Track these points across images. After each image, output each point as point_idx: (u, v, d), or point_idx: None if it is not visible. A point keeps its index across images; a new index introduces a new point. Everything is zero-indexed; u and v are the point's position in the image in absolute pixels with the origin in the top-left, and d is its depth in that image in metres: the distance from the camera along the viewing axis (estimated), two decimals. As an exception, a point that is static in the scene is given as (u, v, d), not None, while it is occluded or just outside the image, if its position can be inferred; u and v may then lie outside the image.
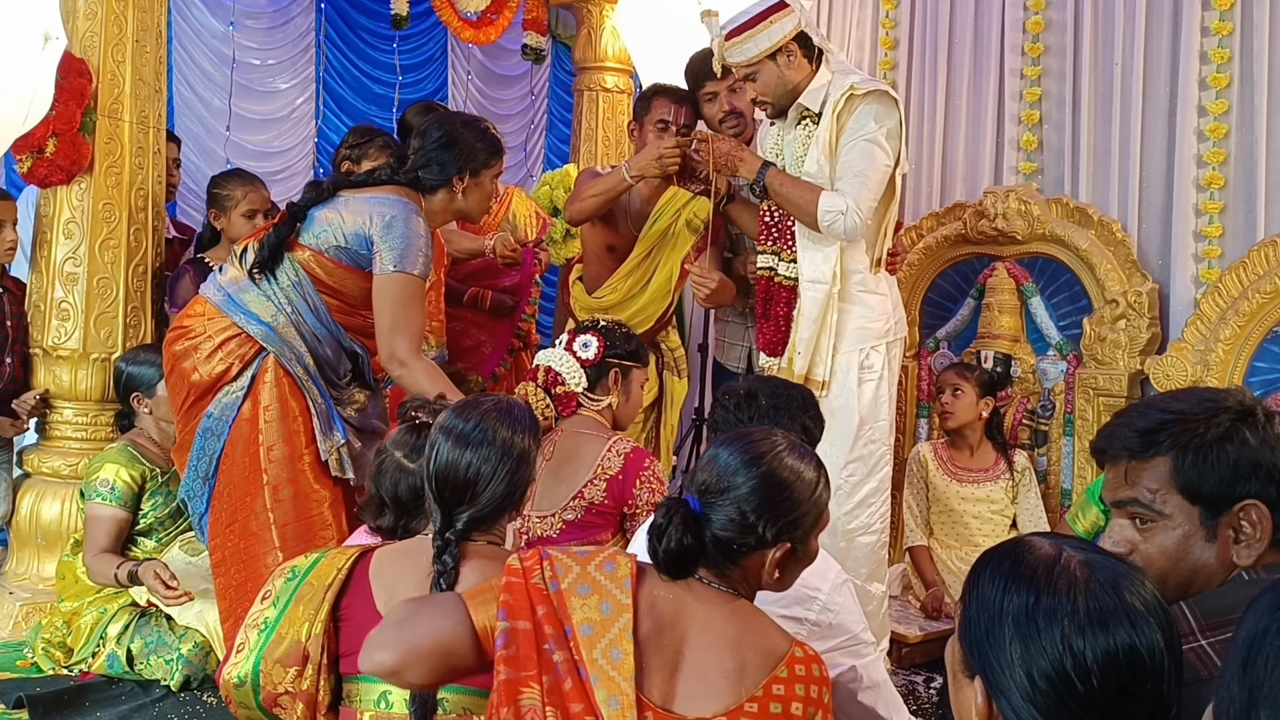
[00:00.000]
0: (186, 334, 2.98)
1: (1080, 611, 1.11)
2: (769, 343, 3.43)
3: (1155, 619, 1.12)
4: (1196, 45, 3.89)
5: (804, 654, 1.63)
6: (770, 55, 3.20)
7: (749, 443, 1.70)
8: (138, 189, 3.78)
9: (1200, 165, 3.90)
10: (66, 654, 3.30)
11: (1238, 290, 3.68)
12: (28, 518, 3.70)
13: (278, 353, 2.92)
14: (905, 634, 3.70)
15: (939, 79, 4.65)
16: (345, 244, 2.93)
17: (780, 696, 1.57)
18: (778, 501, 1.64)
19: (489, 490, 1.92)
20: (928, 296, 4.56)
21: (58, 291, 3.70)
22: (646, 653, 1.56)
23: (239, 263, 3.00)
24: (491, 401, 2.01)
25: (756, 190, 3.27)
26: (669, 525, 1.62)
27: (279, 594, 1.93)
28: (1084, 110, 4.21)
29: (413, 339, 2.88)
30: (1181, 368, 3.75)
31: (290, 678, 1.87)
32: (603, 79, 5.39)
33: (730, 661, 1.58)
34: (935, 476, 4.11)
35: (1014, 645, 1.12)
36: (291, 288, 2.94)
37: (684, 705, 1.55)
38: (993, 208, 4.28)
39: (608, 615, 1.56)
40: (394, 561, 1.96)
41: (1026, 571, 1.16)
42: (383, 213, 2.89)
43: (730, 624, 1.61)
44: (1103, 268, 4.03)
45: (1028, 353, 4.30)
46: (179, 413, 3.01)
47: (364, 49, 6.93)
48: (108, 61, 3.69)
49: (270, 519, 2.85)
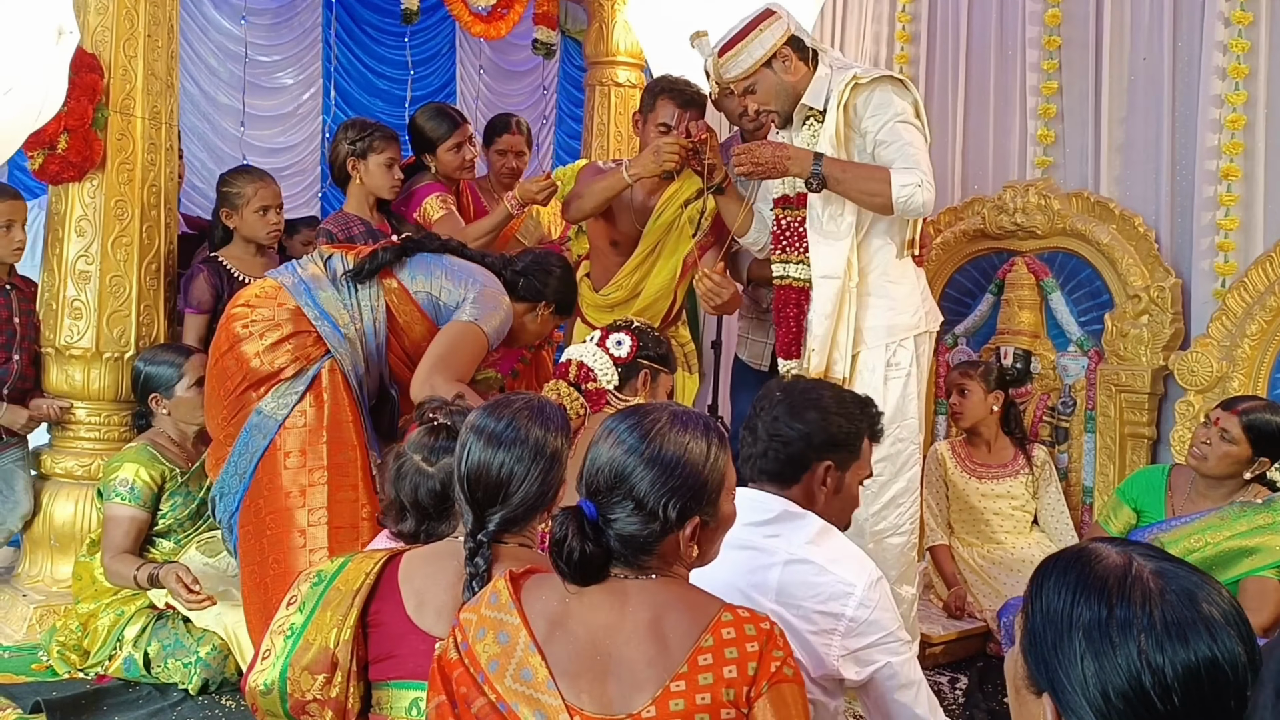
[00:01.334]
0: (251, 315, 2.98)
1: (1157, 624, 1.04)
2: (784, 346, 3.40)
3: (1235, 629, 1.05)
4: (1216, 37, 3.85)
5: (734, 616, 1.55)
6: (765, 63, 3.17)
7: (628, 428, 1.62)
8: (150, 185, 3.74)
9: (1219, 157, 3.85)
10: (82, 657, 3.26)
11: (1264, 285, 3.64)
12: (41, 519, 3.67)
13: (339, 357, 2.95)
14: (929, 634, 3.66)
15: (957, 73, 4.61)
16: (436, 295, 3.08)
17: (708, 666, 1.50)
18: (673, 481, 1.57)
19: (521, 490, 1.88)
20: (946, 292, 4.52)
21: (70, 290, 3.66)
22: (567, 665, 1.53)
23: (324, 266, 3.07)
24: (523, 400, 1.97)
25: (814, 185, 3.13)
26: (567, 537, 1.56)
27: (305, 599, 1.89)
28: (1104, 104, 4.17)
29: (452, 380, 2.90)
30: (1207, 364, 3.71)
31: (319, 685, 1.83)
32: (614, 73, 5.34)
33: (652, 647, 1.52)
34: (954, 475, 4.07)
35: (1086, 662, 1.05)
36: (368, 307, 3.03)
37: (619, 707, 1.50)
38: (1012, 202, 4.24)
39: (506, 644, 1.54)
40: (424, 565, 1.93)
41: (1096, 582, 1.09)
42: (485, 285, 3.10)
43: (647, 608, 1.56)
44: (1124, 262, 4.00)
45: (1048, 349, 4.26)
46: (227, 397, 2.97)
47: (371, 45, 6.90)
48: (119, 56, 3.64)
49: (324, 516, 2.84)
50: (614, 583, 1.59)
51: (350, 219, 3.79)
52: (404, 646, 1.84)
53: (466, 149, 4.08)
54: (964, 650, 3.75)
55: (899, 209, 3.06)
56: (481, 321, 3.01)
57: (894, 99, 3.13)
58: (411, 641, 1.84)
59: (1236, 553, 2.95)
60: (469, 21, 5.25)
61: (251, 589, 2.93)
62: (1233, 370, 3.67)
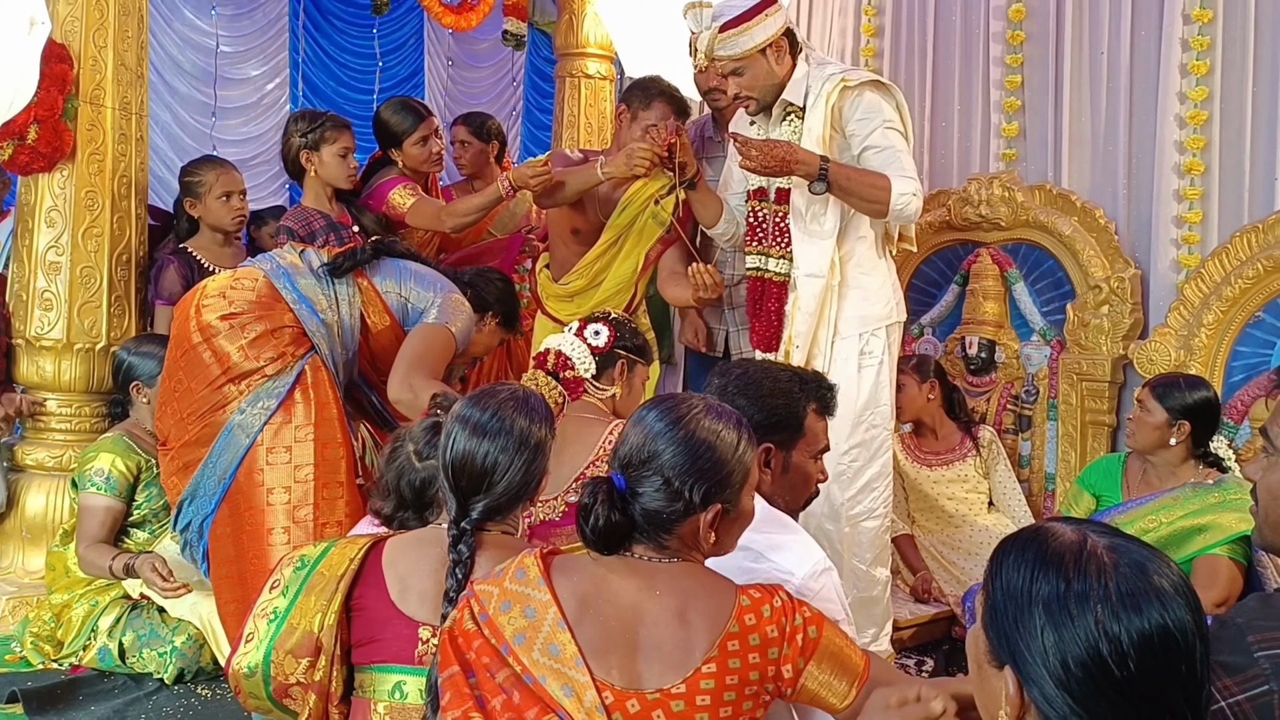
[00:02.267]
0: (230, 308, 2.95)
1: (1112, 595, 1.09)
2: (763, 339, 3.43)
3: (1184, 599, 1.11)
4: (1177, 32, 3.93)
5: (751, 600, 1.63)
6: (761, 50, 3.20)
7: (665, 409, 1.70)
8: (121, 176, 3.73)
9: (1181, 151, 3.94)
10: (56, 647, 3.26)
11: (1220, 276, 3.73)
12: (13, 511, 3.65)
13: (317, 345, 2.96)
14: (896, 618, 3.73)
15: (923, 67, 4.67)
16: (406, 297, 3.14)
17: (736, 652, 1.58)
18: (701, 464, 1.64)
19: (505, 480, 1.92)
20: (912, 283, 4.58)
21: (40, 281, 3.65)
22: (597, 642, 1.57)
23: (299, 257, 3.09)
24: (508, 391, 2.01)
25: (818, 189, 3.17)
26: (594, 504, 1.63)
27: (288, 583, 1.91)
28: (1066, 97, 4.25)
29: (428, 378, 2.93)
30: (1165, 352, 3.80)
31: (302, 669, 1.86)
32: (584, 65, 5.36)
33: (681, 630, 1.59)
34: (906, 465, 4.14)
35: (1046, 633, 1.10)
36: (345, 301, 3.06)
37: (649, 683, 1.56)
38: (977, 194, 4.31)
39: (534, 618, 1.58)
40: (407, 551, 1.96)
41: (1053, 558, 1.14)
42: (449, 292, 3.16)
43: (673, 593, 1.62)
44: (1086, 254, 4.08)
45: (1012, 338, 4.34)
46: (201, 390, 2.91)
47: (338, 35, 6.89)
48: (89, 47, 3.63)
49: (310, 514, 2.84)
50: (641, 565, 1.65)
51: (310, 214, 3.77)
52: (387, 631, 1.87)
53: (433, 142, 4.07)
54: (930, 634, 3.83)
55: (893, 216, 3.18)
56: (450, 324, 3.07)
57: (882, 104, 3.21)
58: (395, 626, 1.87)
59: (1189, 531, 3.03)
60: (439, 12, 5.25)
61: (227, 585, 2.90)
62: (1190, 359, 3.76)
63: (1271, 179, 3.77)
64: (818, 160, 3.12)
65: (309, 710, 1.87)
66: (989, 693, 1.20)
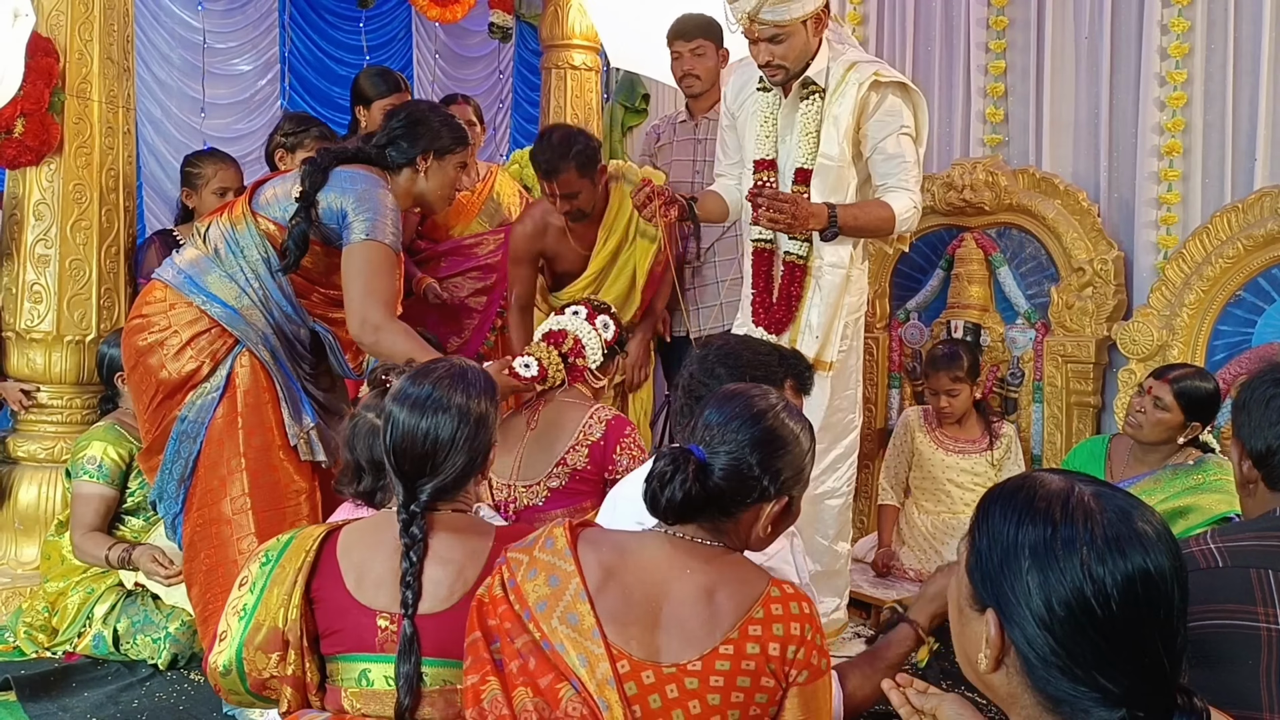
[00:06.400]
0: (149, 326, 2.89)
1: (1098, 539, 1.12)
2: (776, 320, 3.39)
3: (1165, 545, 1.14)
4: (1157, 16, 3.97)
5: (781, 593, 1.64)
6: (804, 21, 3.17)
7: (750, 399, 1.73)
8: (108, 169, 3.75)
9: (1161, 134, 3.98)
10: (50, 636, 3.29)
11: (1201, 256, 3.76)
12: (5, 502, 3.68)
13: (242, 336, 2.86)
14: (882, 598, 3.76)
15: (906, 52, 4.70)
16: (320, 220, 2.90)
17: (756, 637, 1.59)
18: (781, 456, 1.68)
19: (449, 459, 1.90)
20: (897, 268, 4.62)
21: (29, 274, 3.67)
22: (618, 612, 1.59)
23: (201, 242, 2.94)
24: (445, 367, 1.99)
25: (828, 236, 3.23)
26: (675, 473, 1.63)
27: (255, 579, 1.91)
28: (1046, 82, 4.29)
29: (386, 305, 2.81)
30: (1148, 333, 3.83)
31: (274, 663, 1.87)
32: (570, 57, 5.39)
33: (706, 609, 1.60)
34: (922, 443, 4.15)
35: (1031, 575, 1.14)
36: (261, 263, 2.89)
37: (667, 657, 1.58)
38: (960, 179, 4.34)
39: (557, 587, 1.60)
40: (361, 538, 1.94)
41: (1041, 504, 1.17)
42: (355, 185, 2.87)
43: (705, 574, 1.63)
44: (1069, 236, 4.11)
45: (996, 322, 4.37)
46: (145, 411, 2.91)
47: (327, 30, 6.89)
48: (75, 40, 3.65)
49: (247, 504, 2.81)
50: (681, 543, 1.67)
51: None
52: (346, 621, 1.87)
53: None
54: (917, 614, 3.85)
55: (897, 233, 3.29)
56: (375, 234, 2.82)
57: (902, 108, 3.25)
58: (353, 616, 1.86)
59: (1172, 514, 3.04)
60: (424, 5, 5.27)
61: (192, 586, 2.91)
62: (1172, 339, 3.79)
63: (1251, 160, 3.81)
64: (825, 212, 3.18)
65: (288, 701, 1.89)
66: (969, 637, 1.23)
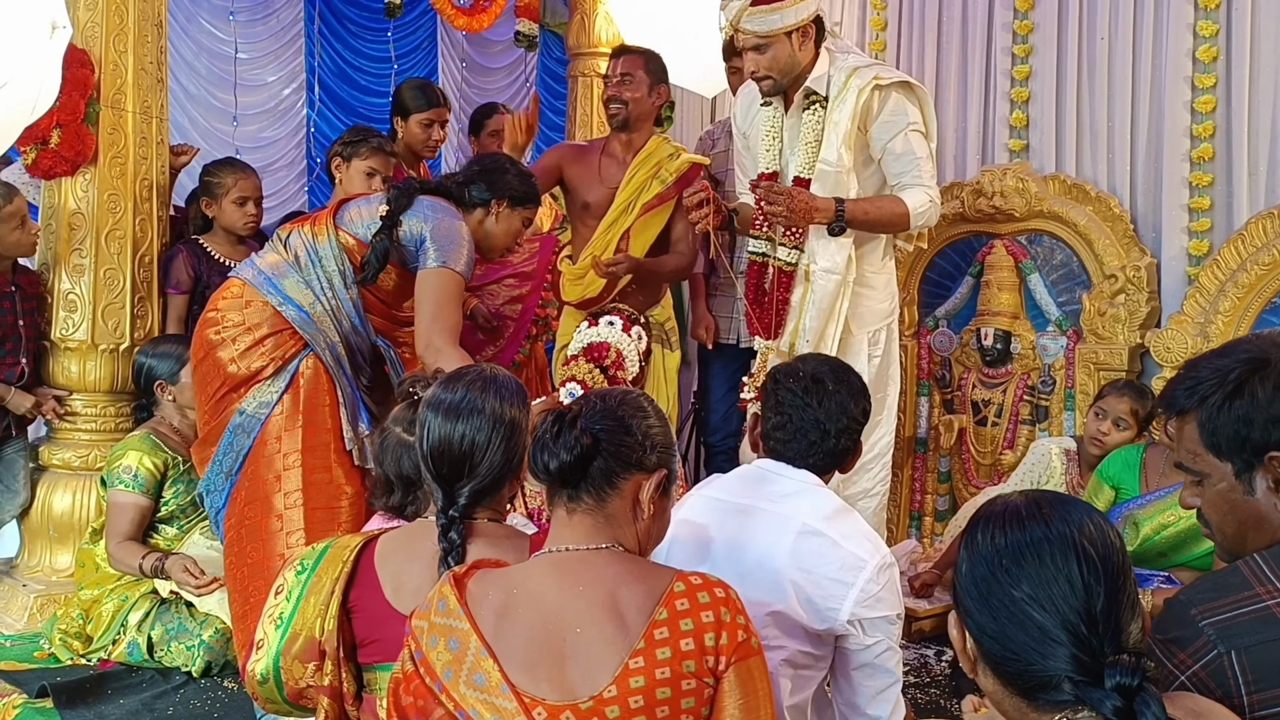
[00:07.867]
0: (222, 322, 2.98)
1: (1009, 524, 1.29)
2: (765, 326, 3.48)
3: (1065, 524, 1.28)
4: (1184, 19, 3.95)
5: (687, 585, 1.55)
6: (787, 33, 3.23)
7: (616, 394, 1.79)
8: (142, 179, 3.78)
9: (1191, 139, 3.96)
10: (85, 643, 3.30)
11: (1236, 262, 3.74)
12: (40, 510, 3.71)
13: (311, 340, 2.95)
14: (915, 609, 3.74)
15: (929, 57, 4.70)
16: (400, 241, 3.05)
17: (665, 640, 1.50)
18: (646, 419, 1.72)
19: (486, 460, 1.90)
20: (926, 275, 4.60)
21: (65, 283, 3.70)
22: (522, 655, 1.52)
23: (283, 248, 3.05)
24: (475, 373, 2.00)
25: (836, 230, 3.25)
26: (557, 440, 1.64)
27: (291, 588, 1.91)
28: (1070, 87, 4.28)
29: (450, 331, 2.93)
30: (1182, 340, 3.80)
31: (310, 672, 1.87)
32: (597, 64, 5.38)
33: (610, 624, 1.52)
34: (1055, 481, 3.79)
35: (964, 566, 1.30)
36: (336, 273, 3.01)
37: (583, 690, 1.49)
38: (990, 186, 4.32)
39: (457, 650, 1.53)
40: (399, 548, 1.94)
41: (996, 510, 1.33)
42: (436, 214, 3.03)
43: (600, 585, 1.56)
44: (1101, 243, 4.09)
45: (1027, 329, 4.35)
46: (208, 402, 2.99)
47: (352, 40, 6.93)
48: (109, 52, 3.69)
49: (300, 499, 2.85)
50: (564, 559, 1.61)
51: None
52: (385, 630, 1.86)
53: (435, 130, 4.22)
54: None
55: (914, 229, 3.30)
56: (450, 262, 2.98)
57: (907, 107, 3.27)
58: (392, 625, 1.85)
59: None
60: (451, 14, 5.30)
61: (232, 580, 2.95)
62: (1207, 346, 3.75)
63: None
64: (833, 206, 3.21)
65: (325, 711, 1.88)
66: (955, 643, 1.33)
